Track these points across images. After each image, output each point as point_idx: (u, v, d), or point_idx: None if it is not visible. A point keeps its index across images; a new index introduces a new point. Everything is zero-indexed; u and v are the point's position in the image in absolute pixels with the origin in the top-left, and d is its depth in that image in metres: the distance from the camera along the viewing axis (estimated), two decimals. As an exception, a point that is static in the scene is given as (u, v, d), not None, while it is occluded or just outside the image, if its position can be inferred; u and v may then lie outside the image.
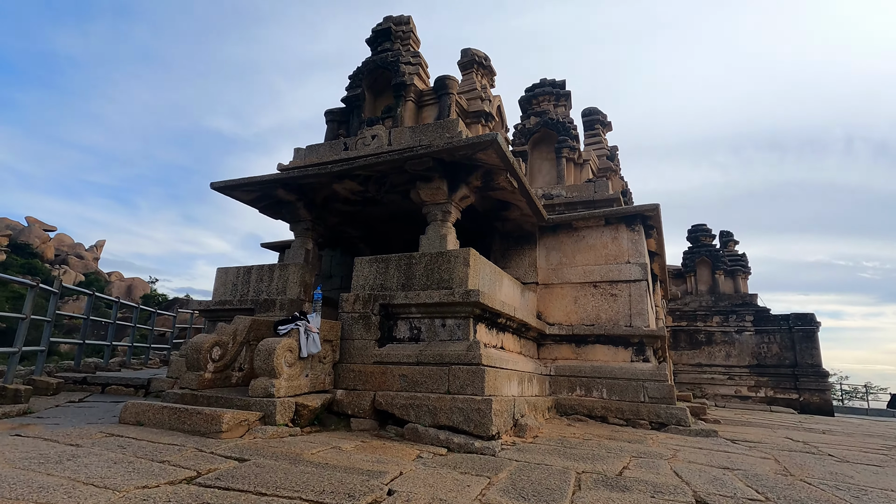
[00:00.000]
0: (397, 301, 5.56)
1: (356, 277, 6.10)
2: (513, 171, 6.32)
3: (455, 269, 5.51)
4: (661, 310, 11.88)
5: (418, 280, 5.70)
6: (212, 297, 7.25)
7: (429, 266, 5.69)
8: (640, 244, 7.62)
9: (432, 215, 6.61)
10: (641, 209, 7.55)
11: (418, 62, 7.90)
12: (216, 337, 5.32)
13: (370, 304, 5.72)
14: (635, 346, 7.16)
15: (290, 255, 7.59)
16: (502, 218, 7.96)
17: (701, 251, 16.79)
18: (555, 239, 8.17)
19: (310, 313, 5.60)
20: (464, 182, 6.53)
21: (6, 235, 53.36)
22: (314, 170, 6.68)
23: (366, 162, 6.34)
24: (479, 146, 5.74)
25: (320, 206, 7.77)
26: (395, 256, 5.96)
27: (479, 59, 8.69)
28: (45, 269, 50.64)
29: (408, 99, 7.74)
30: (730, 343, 15.01)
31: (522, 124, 9.62)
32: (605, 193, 8.51)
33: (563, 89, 9.70)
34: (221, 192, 7.59)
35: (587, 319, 7.58)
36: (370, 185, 7.11)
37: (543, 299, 7.97)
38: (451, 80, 7.47)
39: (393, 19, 8.34)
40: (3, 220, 57.09)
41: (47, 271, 50.59)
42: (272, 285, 6.81)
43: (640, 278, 7.42)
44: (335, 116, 8.47)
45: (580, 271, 7.83)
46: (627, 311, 7.37)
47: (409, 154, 6.07)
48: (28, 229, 56.62)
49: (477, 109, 8.05)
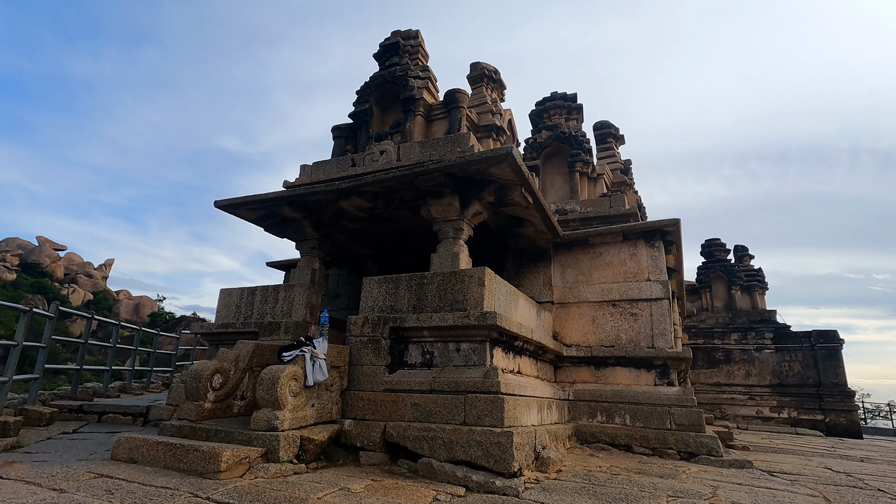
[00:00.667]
0: (408, 324, 5.25)
1: (364, 299, 5.81)
2: (528, 186, 6.05)
3: (469, 289, 5.21)
4: (679, 328, 11.47)
5: (430, 301, 5.39)
6: (215, 320, 6.97)
7: (441, 287, 5.39)
8: (660, 261, 7.29)
9: (444, 233, 6.33)
10: (661, 224, 7.23)
11: (427, 76, 7.71)
12: (217, 364, 5.02)
13: (379, 327, 5.41)
14: (658, 369, 6.78)
15: (296, 274, 7.32)
16: (515, 234, 7.67)
17: (716, 266, 16.37)
18: (570, 256, 7.86)
19: (316, 337, 5.30)
20: (476, 198, 6.27)
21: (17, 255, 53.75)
22: (320, 186, 6.44)
23: (374, 178, 6.10)
24: (492, 160, 5.48)
25: (327, 223, 7.52)
26: (405, 277, 5.67)
27: (489, 73, 8.51)
28: (54, 288, 50.78)
29: (417, 113, 7.53)
30: (749, 361, 14.49)
31: (533, 138, 9.39)
32: (622, 208, 8.22)
33: (574, 102, 9.48)
34: (225, 211, 7.36)
35: (606, 340, 7.22)
36: (378, 202, 6.87)
37: (560, 319, 7.62)
38: (462, 94, 7.27)
39: (401, 34, 8.19)
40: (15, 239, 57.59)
41: (56, 290, 50.70)
42: (277, 307, 6.52)
43: (661, 297, 7.08)
44: (342, 132, 8.27)
45: (598, 289, 7.49)
46: (649, 331, 7.00)
47: (420, 169, 5.82)
48: (38, 249, 57.03)
49: (488, 123, 7.82)
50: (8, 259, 52.51)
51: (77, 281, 56.70)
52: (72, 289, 53.62)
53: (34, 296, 47.75)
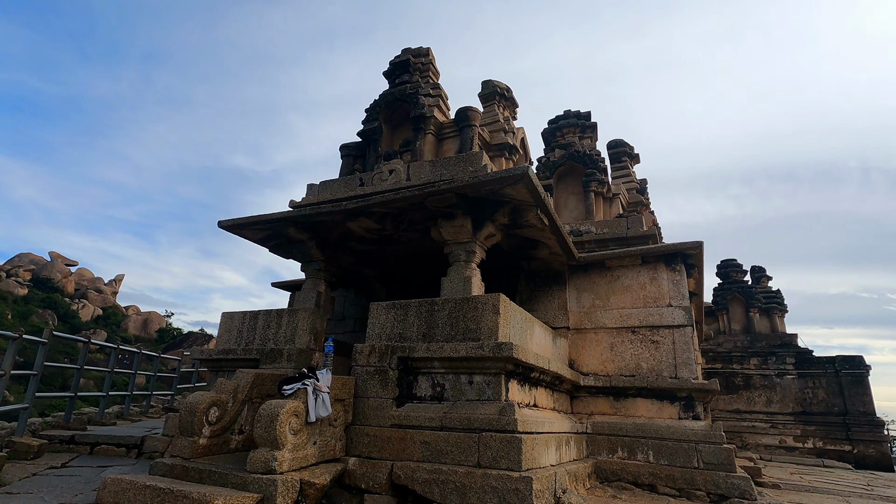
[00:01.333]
0: (418, 354, 4.93)
1: (371, 326, 5.50)
2: (544, 207, 5.76)
3: (483, 317, 4.89)
4: (698, 353, 11.01)
5: (441, 329, 5.07)
6: (215, 345, 6.68)
7: (453, 314, 5.07)
8: (681, 285, 6.93)
9: (455, 256, 6.04)
10: (682, 247, 6.89)
11: (438, 94, 7.52)
12: (214, 395, 4.71)
13: (387, 356, 5.09)
14: (683, 402, 6.37)
15: (301, 297, 7.03)
16: (529, 257, 7.36)
17: (732, 287, 15.89)
18: (586, 279, 7.52)
19: (319, 368, 4.99)
20: (489, 220, 5.98)
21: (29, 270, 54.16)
22: (327, 207, 6.20)
23: (383, 198, 5.84)
24: (507, 180, 5.21)
25: (334, 245, 7.26)
26: (414, 303, 5.36)
27: (501, 91, 8.31)
28: (64, 303, 50.98)
29: (427, 132, 7.31)
30: (770, 388, 13.91)
31: (546, 157, 9.14)
32: (639, 229, 7.89)
33: (588, 121, 9.25)
34: (229, 231, 7.13)
35: (626, 369, 6.83)
36: (387, 223, 6.60)
37: (576, 346, 7.25)
38: (474, 112, 7.05)
39: (412, 51, 8.03)
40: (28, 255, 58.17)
41: (67, 305, 50.89)
42: (280, 333, 6.22)
43: (683, 323, 6.70)
44: (351, 151, 8.07)
45: (615, 315, 7.13)
46: (672, 360, 6.61)
47: (431, 189, 5.56)
48: (50, 264, 57.49)
49: (500, 142, 7.59)
50: (20, 274, 52.92)
51: (87, 296, 56.99)
52: (82, 304, 53.86)
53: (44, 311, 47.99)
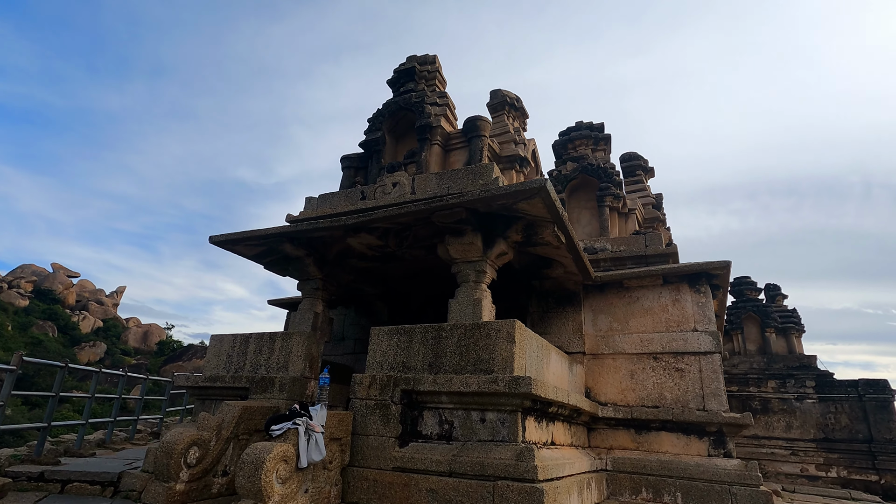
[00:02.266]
0: (423, 387, 4.42)
1: (372, 353, 5.00)
2: (561, 223, 5.29)
3: (496, 346, 4.38)
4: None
5: (449, 359, 4.57)
6: (203, 370, 6.17)
7: (462, 341, 4.57)
8: (707, 308, 6.42)
9: (464, 275, 5.56)
10: (708, 266, 6.40)
11: (445, 103, 7.11)
12: (194, 434, 4.19)
13: (389, 389, 4.58)
14: (712, 437, 5.82)
15: (297, 319, 6.54)
16: (541, 276, 6.87)
17: (747, 306, 15.33)
18: (602, 300, 7.01)
19: (313, 402, 4.48)
20: (501, 236, 5.51)
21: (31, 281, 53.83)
22: (325, 222, 5.74)
23: (386, 213, 5.38)
24: (522, 194, 4.74)
25: (332, 262, 6.79)
26: (419, 328, 4.87)
27: (511, 101, 7.90)
28: (65, 314, 50.52)
29: (433, 142, 6.88)
30: (790, 412, 13.27)
31: (558, 170, 8.70)
32: (659, 247, 7.41)
33: (601, 132, 8.83)
34: (221, 247, 6.68)
35: (648, 399, 6.29)
36: (390, 239, 6.13)
37: (592, 372, 6.72)
38: (483, 122, 6.62)
39: (417, 59, 7.65)
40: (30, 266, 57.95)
41: (67, 317, 50.41)
42: (272, 359, 5.72)
43: (711, 350, 6.17)
44: (352, 163, 7.65)
45: (635, 339, 6.61)
46: (699, 390, 6.07)
47: (439, 204, 5.09)
48: (52, 275, 57.26)
49: (510, 154, 7.15)
50: (22, 286, 52.65)
51: (88, 308, 56.68)
52: (82, 315, 53.50)
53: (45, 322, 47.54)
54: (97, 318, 54.97)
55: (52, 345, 42.03)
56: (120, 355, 49.42)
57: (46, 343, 41.97)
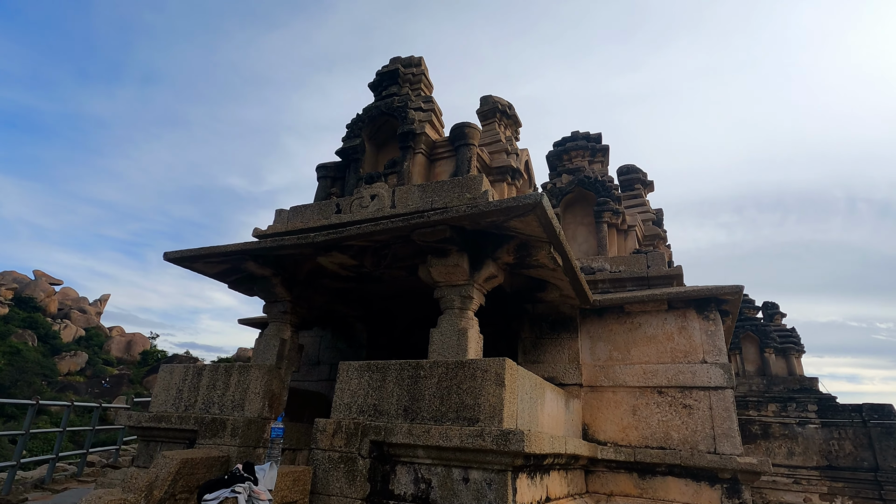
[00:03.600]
0: (395, 439, 3.73)
1: (340, 393, 4.31)
2: (558, 244, 4.67)
3: (483, 390, 3.72)
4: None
5: (428, 403, 3.89)
6: (150, 406, 5.42)
7: (444, 382, 3.90)
8: (717, 337, 5.82)
9: (447, 301, 4.90)
10: (719, 291, 5.80)
11: (431, 108, 6.49)
12: (118, 497, 3.46)
13: (356, 439, 3.89)
14: (726, 485, 5.17)
15: (261, 347, 5.83)
16: (534, 299, 6.24)
17: (745, 326, 14.81)
18: (601, 325, 6.39)
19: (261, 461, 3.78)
20: (490, 257, 4.88)
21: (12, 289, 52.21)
22: (291, 239, 5.06)
23: (360, 230, 4.72)
24: (514, 211, 4.11)
25: (303, 282, 6.10)
26: (394, 365, 4.19)
27: (503, 108, 7.31)
28: (46, 323, 48.93)
29: (417, 151, 6.26)
30: (791, 438, 12.70)
31: (552, 183, 8.11)
32: (661, 268, 6.81)
33: (599, 143, 8.27)
34: (177, 265, 5.96)
35: (653, 439, 5.64)
36: (366, 259, 5.47)
37: (590, 407, 6.07)
38: (472, 129, 6.01)
39: (401, 60, 7.04)
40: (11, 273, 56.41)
41: (48, 326, 48.80)
42: (227, 396, 4.98)
43: (722, 385, 5.55)
44: (328, 172, 6.99)
45: (638, 371, 5.98)
46: (709, 430, 5.44)
47: (419, 220, 4.45)
48: (34, 283, 55.75)
49: (501, 165, 6.54)
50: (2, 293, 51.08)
51: (70, 316, 55.18)
52: (64, 324, 51.99)
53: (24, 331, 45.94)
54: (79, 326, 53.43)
55: (31, 354, 40.55)
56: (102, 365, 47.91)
57: (25, 353, 40.50)
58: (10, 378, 33.98)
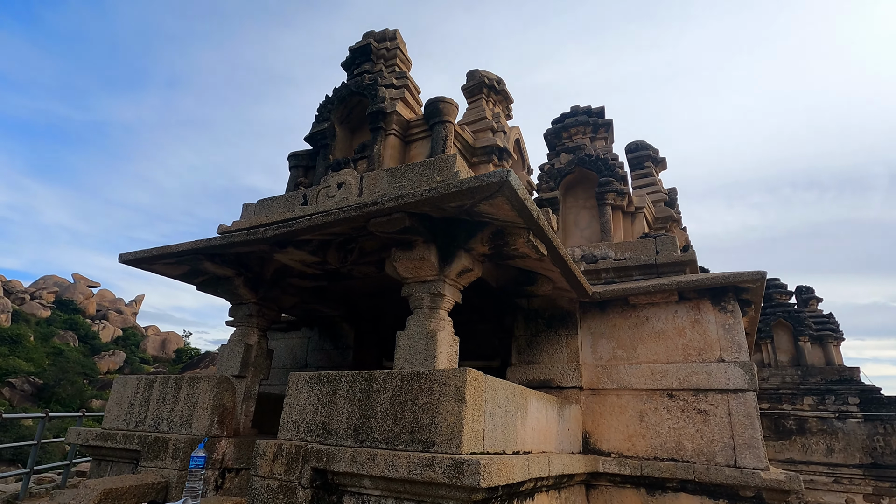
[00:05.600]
0: (338, 467, 3.16)
1: (288, 409, 3.76)
2: (538, 229, 3.99)
3: (440, 407, 3.11)
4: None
5: (380, 422, 3.30)
6: (103, 422, 4.99)
7: (398, 397, 3.31)
8: (736, 332, 5.05)
9: (416, 300, 4.30)
10: (737, 279, 5.02)
11: (404, 84, 5.85)
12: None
13: (297, 465, 3.33)
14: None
15: (224, 354, 5.34)
16: (526, 293, 5.57)
17: (777, 312, 13.73)
18: (604, 320, 5.68)
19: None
20: (462, 248, 4.24)
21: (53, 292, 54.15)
22: (241, 235, 4.52)
23: (309, 222, 4.14)
24: (478, 192, 3.46)
25: (270, 282, 5.58)
26: (346, 376, 3.61)
27: (490, 82, 6.61)
28: (85, 324, 50.63)
29: (389, 132, 5.63)
30: (830, 433, 11.69)
31: (550, 163, 7.37)
32: (672, 254, 6.04)
33: (601, 118, 7.48)
34: (134, 266, 5.52)
35: (662, 450, 4.94)
36: (329, 254, 4.90)
37: (591, 412, 5.39)
38: (447, 104, 5.34)
39: (375, 35, 6.41)
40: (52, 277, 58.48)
41: (88, 326, 50.45)
42: (175, 411, 4.50)
43: (743, 387, 4.79)
44: (300, 161, 6.43)
45: (645, 372, 5.26)
46: (728, 439, 4.70)
47: (372, 209, 3.84)
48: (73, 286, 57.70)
49: (487, 144, 5.86)
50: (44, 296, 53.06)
51: (108, 317, 57.07)
52: (102, 325, 53.77)
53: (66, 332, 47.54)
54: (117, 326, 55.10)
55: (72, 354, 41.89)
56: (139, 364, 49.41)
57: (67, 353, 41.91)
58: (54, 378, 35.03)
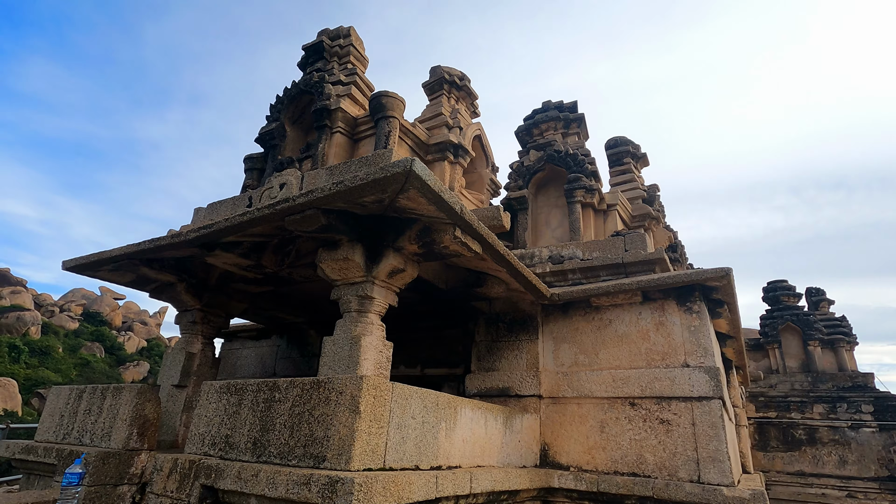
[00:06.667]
0: (224, 485, 2.90)
1: (197, 420, 3.53)
2: (465, 224, 3.70)
3: (335, 418, 2.84)
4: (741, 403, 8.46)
5: (277, 435, 3.04)
6: (36, 435, 4.84)
7: (297, 408, 3.05)
8: (702, 334, 4.65)
9: (345, 303, 4.05)
10: (701, 277, 4.64)
11: (352, 81, 5.65)
12: None
13: (188, 482, 3.09)
14: (712, 524, 4.02)
15: (167, 363, 5.17)
16: (477, 296, 5.27)
17: (784, 315, 13.05)
18: (567, 325, 5.34)
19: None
20: (391, 247, 3.98)
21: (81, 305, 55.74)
22: (166, 239, 4.34)
23: (228, 223, 3.93)
24: (384, 183, 3.19)
25: (215, 288, 5.40)
26: (252, 385, 3.36)
27: (451, 78, 6.37)
28: (111, 335, 51.98)
29: (335, 130, 5.42)
30: (843, 444, 10.97)
31: (520, 161, 7.07)
32: (641, 252, 5.67)
33: (573, 112, 7.16)
34: (77, 273, 5.39)
35: (623, 463, 4.56)
36: (265, 257, 4.69)
37: (551, 423, 5.03)
38: (390, 98, 5.10)
39: (328, 32, 6.24)
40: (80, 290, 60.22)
41: (114, 338, 51.77)
42: (98, 423, 4.31)
43: (708, 394, 4.39)
44: (255, 163, 6.27)
45: (607, 379, 4.89)
46: (691, 452, 4.30)
47: (285, 206, 3.60)
48: (100, 298, 59.20)
49: (441, 140, 5.61)
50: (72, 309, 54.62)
51: (133, 329, 58.49)
52: (128, 336, 55.09)
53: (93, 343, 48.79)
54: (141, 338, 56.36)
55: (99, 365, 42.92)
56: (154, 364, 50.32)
57: (94, 364, 42.99)
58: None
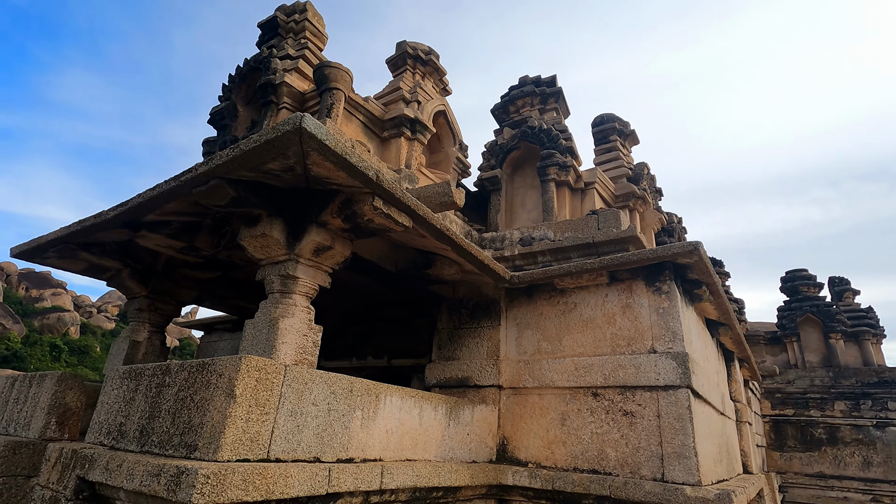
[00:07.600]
0: (94, 476, 2.64)
1: (99, 408, 3.31)
2: (386, 194, 3.36)
3: (211, 403, 2.54)
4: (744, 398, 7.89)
5: (161, 422, 2.77)
6: (-25, 424, 4.71)
7: (182, 392, 2.77)
8: (671, 316, 4.19)
9: (268, 283, 3.76)
10: (667, 254, 4.17)
11: (301, 55, 5.36)
12: None
13: (67, 473, 2.85)
14: (674, 528, 3.58)
15: (112, 352, 5.00)
16: (434, 279, 4.92)
17: (804, 306, 12.20)
18: (531, 309, 4.94)
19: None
20: (314, 222, 3.66)
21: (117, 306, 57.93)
22: (91, 219, 4.14)
23: (140, 198, 3.68)
24: (277, 144, 2.88)
25: (162, 274, 5.20)
26: (148, 370, 3.11)
27: (416, 52, 6.03)
28: None
29: (281, 106, 5.15)
30: (867, 444, 10.15)
31: (494, 140, 6.67)
32: (613, 231, 5.21)
33: (551, 87, 6.70)
34: (25, 260, 5.27)
35: (583, 459, 4.14)
36: (199, 239, 4.44)
37: (511, 415, 4.64)
38: (333, 69, 4.79)
39: (284, 8, 5.98)
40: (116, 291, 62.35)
41: None
42: (23, 411, 4.15)
43: (675, 383, 3.94)
44: (212, 147, 6.06)
45: (569, 367, 4.47)
46: (656, 447, 3.86)
47: (188, 176, 3.33)
48: None
49: (395, 115, 5.27)
50: (109, 310, 56.77)
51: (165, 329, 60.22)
52: (161, 336, 56.79)
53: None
54: (173, 337, 58.08)
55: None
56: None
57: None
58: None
